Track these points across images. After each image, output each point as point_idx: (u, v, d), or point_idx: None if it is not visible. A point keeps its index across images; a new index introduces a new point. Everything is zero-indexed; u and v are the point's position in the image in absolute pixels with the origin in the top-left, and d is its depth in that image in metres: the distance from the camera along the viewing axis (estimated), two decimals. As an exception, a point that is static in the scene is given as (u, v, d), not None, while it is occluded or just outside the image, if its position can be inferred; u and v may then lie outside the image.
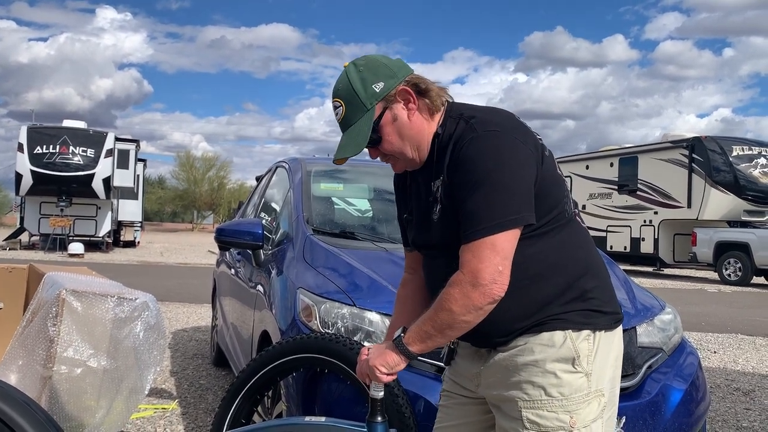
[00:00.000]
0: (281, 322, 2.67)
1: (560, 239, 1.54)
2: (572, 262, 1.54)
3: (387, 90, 1.55)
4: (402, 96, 1.56)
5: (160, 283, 11.12)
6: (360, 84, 1.56)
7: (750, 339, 7.61)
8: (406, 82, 1.57)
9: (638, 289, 2.95)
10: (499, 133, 1.47)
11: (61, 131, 19.27)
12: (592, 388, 1.50)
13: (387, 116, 1.56)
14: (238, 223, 3.65)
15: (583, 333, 1.51)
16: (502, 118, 1.54)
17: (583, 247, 1.60)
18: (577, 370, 1.49)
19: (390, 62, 1.60)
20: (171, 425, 3.73)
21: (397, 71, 1.57)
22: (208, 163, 61.08)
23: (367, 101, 1.55)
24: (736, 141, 16.02)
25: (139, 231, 25.55)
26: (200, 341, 6.31)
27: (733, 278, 15.22)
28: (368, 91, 1.55)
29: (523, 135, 1.50)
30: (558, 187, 1.56)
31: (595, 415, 1.51)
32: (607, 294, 1.60)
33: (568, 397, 1.48)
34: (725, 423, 4.15)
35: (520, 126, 1.54)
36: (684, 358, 2.66)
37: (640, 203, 16.90)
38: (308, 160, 4.03)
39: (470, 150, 1.47)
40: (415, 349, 1.53)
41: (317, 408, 2.26)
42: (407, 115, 1.57)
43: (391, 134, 1.58)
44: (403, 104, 1.57)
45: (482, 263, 1.41)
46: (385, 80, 1.56)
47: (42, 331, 2.25)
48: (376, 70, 1.57)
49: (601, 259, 1.67)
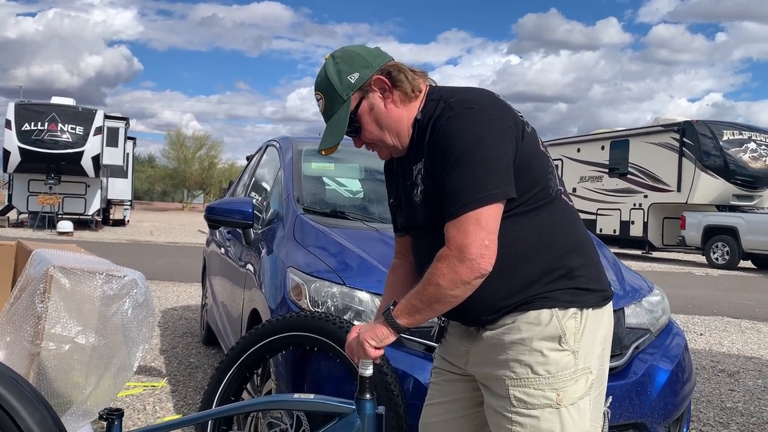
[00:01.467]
0: (271, 301, 2.67)
1: (544, 217, 1.54)
2: (558, 241, 1.54)
3: (362, 80, 1.59)
4: (377, 85, 1.59)
5: (150, 261, 11.10)
6: (336, 76, 1.60)
7: (736, 321, 7.70)
8: (381, 71, 1.59)
9: (627, 270, 2.97)
10: (475, 110, 1.48)
11: (49, 108, 19.06)
12: (579, 365, 1.51)
13: (364, 106, 1.60)
14: (229, 201, 3.63)
15: (570, 311, 1.52)
16: (480, 95, 1.55)
17: (569, 225, 1.59)
18: (564, 348, 1.50)
19: (366, 52, 1.63)
20: (160, 402, 3.74)
21: (372, 61, 1.60)
22: (198, 142, 60.78)
23: (343, 92, 1.59)
24: (727, 125, 16.07)
25: (129, 210, 25.42)
26: (190, 320, 6.31)
27: (721, 262, 15.36)
28: (344, 83, 1.59)
29: (501, 111, 1.51)
30: (540, 163, 1.55)
31: (583, 392, 1.52)
32: (594, 272, 1.60)
33: (554, 375, 1.49)
34: (710, 404, 4.21)
35: (498, 102, 1.54)
36: (671, 339, 2.69)
37: (630, 186, 16.97)
38: (299, 140, 4.01)
39: (448, 127, 1.49)
40: (403, 323, 1.54)
41: (306, 386, 2.27)
42: (384, 103, 1.60)
43: (370, 123, 1.61)
44: (380, 93, 1.60)
45: (468, 238, 1.42)
46: (360, 71, 1.59)
47: (30, 307, 2.23)
48: (352, 62, 1.60)
49: (589, 238, 1.67)
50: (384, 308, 1.61)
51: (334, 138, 1.62)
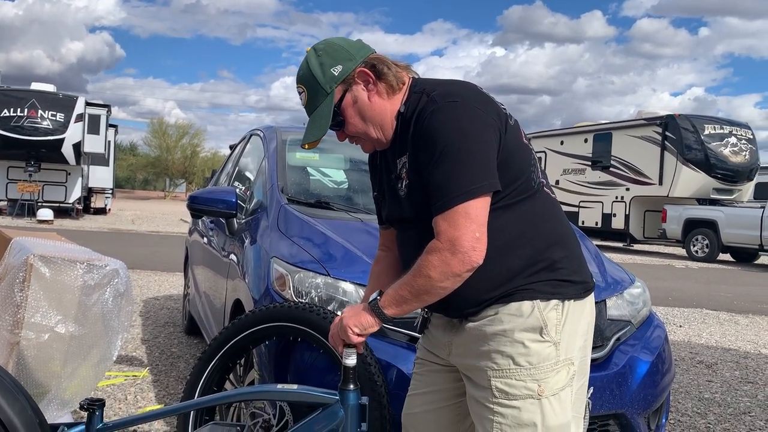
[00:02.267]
0: (254, 291, 2.65)
1: (527, 210, 1.54)
2: (540, 233, 1.55)
3: (345, 72, 1.58)
4: (361, 77, 1.58)
5: (132, 250, 11.00)
6: (319, 69, 1.58)
7: (714, 314, 7.80)
8: (364, 64, 1.58)
9: (609, 263, 2.99)
10: (458, 103, 1.48)
11: (29, 94, 18.75)
12: (561, 356, 1.52)
13: (348, 99, 1.59)
14: (212, 191, 3.60)
15: (552, 302, 1.53)
16: (463, 88, 1.54)
17: (552, 217, 1.60)
18: (545, 339, 1.51)
19: (349, 45, 1.61)
20: (142, 392, 3.71)
21: (356, 53, 1.59)
22: (181, 131, 60.21)
23: (326, 85, 1.58)
24: (708, 120, 16.23)
25: (110, 198, 25.18)
26: (172, 309, 6.27)
27: (700, 255, 15.55)
28: (327, 75, 1.58)
29: (483, 104, 1.51)
30: (523, 156, 1.55)
31: (564, 383, 1.53)
32: (575, 263, 1.60)
33: (536, 366, 1.50)
34: (688, 394, 4.27)
35: (481, 95, 1.54)
36: (651, 331, 2.71)
37: (612, 179, 17.09)
38: (283, 129, 3.98)
39: (432, 121, 1.48)
40: (389, 312, 1.54)
41: (290, 376, 2.27)
42: (367, 96, 1.59)
43: (353, 116, 1.60)
44: (363, 86, 1.59)
45: (459, 231, 1.42)
46: (343, 63, 1.58)
47: (9, 296, 2.20)
48: (334, 54, 1.59)
49: (571, 230, 1.67)
50: (370, 298, 1.60)
51: (318, 131, 1.61)
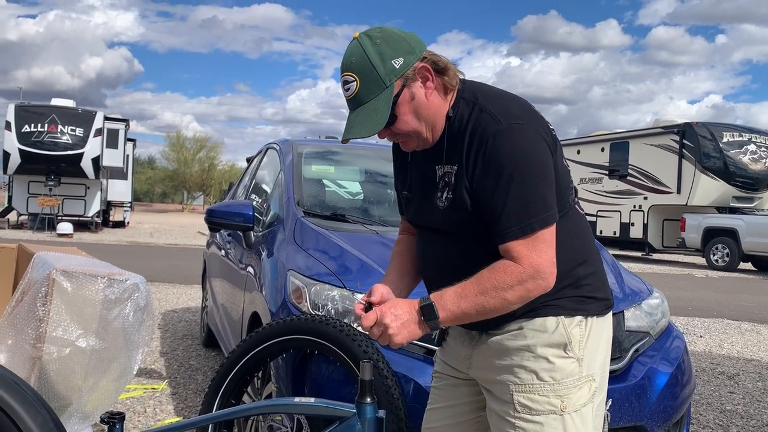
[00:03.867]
0: (271, 304, 2.67)
1: (561, 229, 1.51)
2: (568, 252, 1.54)
3: (407, 66, 1.46)
4: (421, 74, 1.48)
5: (150, 263, 11.10)
6: (378, 58, 1.45)
7: (735, 324, 7.70)
8: (424, 59, 1.48)
9: (627, 273, 2.98)
10: (523, 126, 1.44)
11: (49, 110, 19.07)
12: (583, 372, 1.52)
13: (405, 95, 1.48)
14: (229, 204, 3.63)
15: (576, 319, 1.53)
16: (522, 109, 1.50)
17: (580, 235, 1.60)
18: (569, 355, 1.51)
19: (407, 36, 1.50)
20: (161, 405, 3.74)
21: (415, 46, 1.48)
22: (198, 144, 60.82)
23: (386, 78, 1.45)
24: (727, 127, 16.08)
25: (129, 211, 25.43)
26: (190, 322, 6.31)
27: (721, 264, 15.36)
28: (387, 67, 1.45)
29: (541, 126, 1.48)
30: (565, 177, 1.55)
31: (586, 400, 1.52)
32: (599, 280, 1.61)
33: (559, 382, 1.49)
34: (710, 406, 4.21)
35: (537, 117, 1.51)
36: (670, 342, 2.69)
37: (630, 188, 16.98)
38: (299, 142, 4.02)
39: (498, 144, 1.42)
40: (443, 325, 1.50)
41: (307, 389, 2.28)
42: (425, 93, 1.49)
43: (407, 114, 1.49)
44: (421, 82, 1.48)
45: (541, 257, 1.41)
46: (404, 56, 1.46)
47: (31, 310, 2.24)
48: (396, 45, 1.46)
49: (596, 246, 1.68)
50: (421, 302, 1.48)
51: (372, 127, 1.47)
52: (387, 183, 3.93)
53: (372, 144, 4.71)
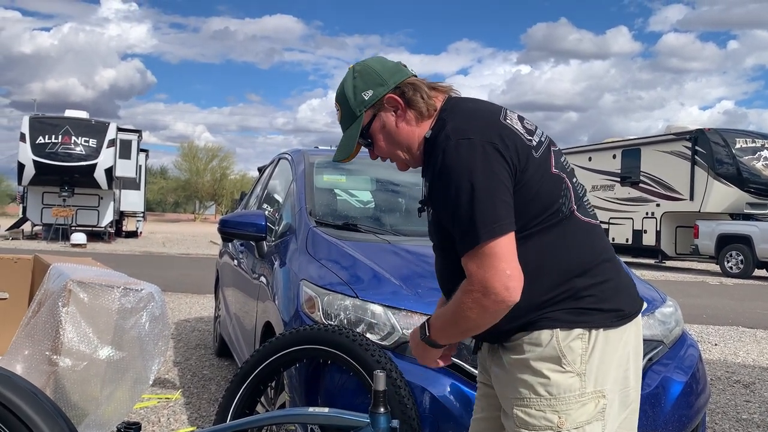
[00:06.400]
0: (284, 314, 2.68)
1: (551, 239, 1.50)
2: (563, 263, 1.50)
3: (375, 98, 1.59)
4: (390, 104, 1.59)
5: (163, 273, 11.16)
6: (351, 91, 1.61)
7: (751, 331, 7.63)
8: (396, 89, 1.59)
9: (639, 281, 2.96)
10: (471, 140, 1.46)
11: (63, 121, 19.28)
12: (587, 389, 1.47)
13: (376, 123, 1.61)
14: (242, 214, 3.66)
15: (575, 332, 1.48)
16: (480, 123, 1.51)
17: (580, 246, 1.54)
18: (566, 369, 1.46)
19: (384, 68, 1.62)
20: (174, 415, 3.76)
21: (389, 78, 1.60)
22: (210, 154, 61.16)
23: (356, 108, 1.61)
24: (740, 133, 15.98)
25: (141, 221, 25.59)
26: (203, 332, 6.34)
27: (735, 271, 15.23)
28: (357, 99, 1.60)
29: (501, 140, 1.47)
30: (551, 187, 1.51)
31: (590, 417, 1.47)
32: (608, 291, 1.53)
33: (556, 397, 1.46)
34: (725, 415, 4.17)
35: (498, 130, 1.50)
36: (684, 350, 2.67)
37: (642, 195, 16.89)
38: (311, 152, 4.04)
39: (446, 158, 1.46)
40: (445, 344, 1.61)
41: (320, 399, 2.28)
42: (395, 122, 1.60)
43: (381, 140, 1.62)
44: (392, 111, 1.60)
45: (488, 272, 1.40)
46: (374, 88, 1.59)
47: (48, 321, 2.26)
48: (368, 78, 1.61)
49: (607, 255, 1.59)
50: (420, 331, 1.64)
51: (345, 152, 1.65)
52: (398, 192, 3.94)
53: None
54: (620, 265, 1.64)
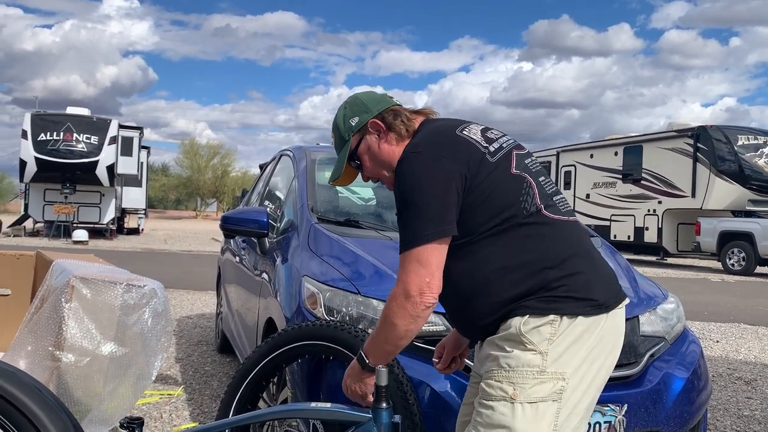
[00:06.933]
0: (286, 310, 2.69)
1: (517, 238, 1.59)
2: (531, 259, 1.58)
3: (361, 123, 1.79)
4: (373, 128, 1.78)
5: (165, 270, 11.17)
6: (342, 119, 1.83)
7: (752, 328, 7.63)
8: (378, 115, 1.77)
9: (641, 278, 2.97)
10: (419, 153, 1.61)
11: (65, 118, 19.28)
12: (548, 368, 1.52)
13: (362, 146, 1.80)
14: (243, 211, 3.66)
15: (548, 317, 1.54)
16: (433, 138, 1.66)
17: (548, 241, 1.60)
18: (528, 347, 1.53)
19: (369, 99, 1.83)
20: (177, 411, 3.77)
21: (373, 106, 1.79)
22: (212, 151, 61.17)
23: (345, 133, 1.82)
24: (742, 130, 15.95)
25: (143, 218, 25.61)
26: (205, 328, 6.35)
27: (737, 268, 15.22)
28: (346, 125, 1.82)
29: (450, 151, 1.60)
30: (510, 188, 1.61)
31: (545, 395, 1.52)
32: (580, 282, 1.59)
33: (514, 369, 1.53)
34: (726, 412, 4.18)
35: (449, 142, 1.63)
36: (686, 347, 2.68)
37: (644, 192, 16.87)
38: (313, 149, 4.04)
39: (398, 171, 1.64)
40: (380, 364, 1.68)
41: (322, 394, 2.29)
42: (378, 143, 1.78)
43: (367, 161, 1.81)
44: (376, 135, 1.78)
45: (409, 276, 1.55)
46: (360, 115, 1.80)
47: (51, 317, 2.27)
48: (355, 107, 1.82)
49: (582, 248, 1.66)
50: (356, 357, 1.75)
51: (335, 173, 1.86)
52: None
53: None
54: (595, 259, 1.69)
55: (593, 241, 3.25)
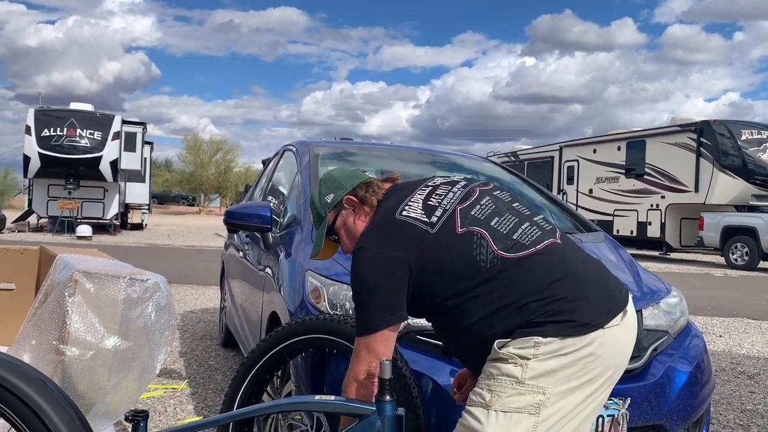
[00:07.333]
0: (290, 304, 2.70)
1: (488, 291, 1.60)
2: (509, 301, 1.59)
3: (336, 200, 1.87)
4: (348, 203, 1.86)
5: (168, 265, 11.19)
6: (317, 196, 1.91)
7: (756, 323, 7.62)
8: (351, 191, 1.85)
9: (644, 272, 2.96)
10: (363, 249, 1.68)
11: (68, 114, 19.30)
12: (526, 380, 1.53)
13: (339, 222, 1.88)
14: (247, 206, 3.67)
15: (531, 339, 1.55)
16: (376, 227, 1.72)
17: (521, 284, 1.59)
18: (510, 361, 1.56)
19: (343, 175, 1.90)
20: (181, 405, 3.78)
21: (346, 182, 1.87)
22: (215, 147, 61.15)
23: (321, 210, 1.89)
24: (745, 125, 15.89)
25: (147, 213, 25.64)
26: (209, 322, 6.36)
27: (740, 263, 15.19)
28: (322, 202, 1.89)
29: (390, 240, 1.65)
30: (461, 246, 1.63)
31: (522, 407, 1.52)
32: (562, 306, 1.57)
33: (495, 378, 1.56)
34: (729, 406, 4.18)
35: (388, 232, 1.68)
36: (689, 341, 2.68)
37: (647, 187, 16.84)
38: (316, 144, 4.04)
39: (352, 263, 1.70)
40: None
41: (326, 387, 2.30)
42: (353, 219, 1.85)
43: (344, 236, 1.88)
44: (351, 210, 1.85)
45: (359, 364, 1.68)
46: (334, 192, 1.87)
47: (55, 311, 2.28)
48: (329, 184, 1.90)
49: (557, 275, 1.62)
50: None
51: (315, 248, 1.92)
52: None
53: (388, 145, 4.72)
54: (578, 279, 1.63)
55: (596, 236, 3.26)
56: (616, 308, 1.64)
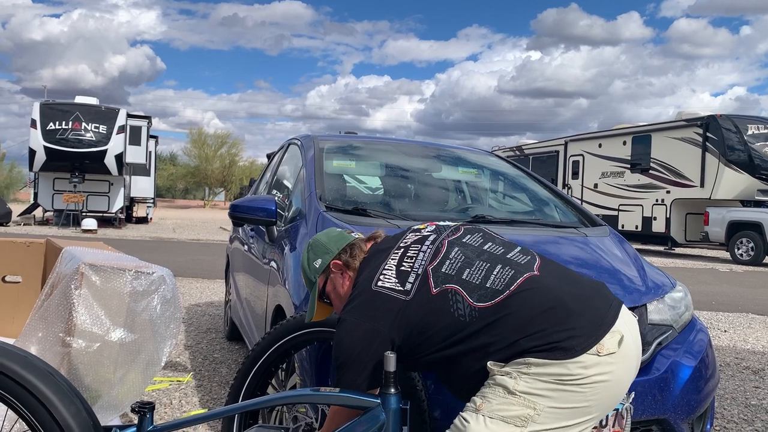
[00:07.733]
0: (295, 297, 2.70)
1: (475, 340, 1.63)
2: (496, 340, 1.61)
3: (324, 265, 1.92)
4: (336, 267, 1.91)
5: (173, 258, 11.22)
6: (306, 262, 1.96)
7: (761, 318, 7.61)
8: (337, 255, 1.90)
9: (649, 267, 2.96)
10: (344, 321, 1.72)
11: (73, 107, 19.33)
12: (518, 392, 1.56)
13: (329, 286, 1.92)
14: (252, 199, 3.67)
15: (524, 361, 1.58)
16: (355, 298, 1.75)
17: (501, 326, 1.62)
18: (504, 374, 1.59)
19: (330, 240, 1.95)
20: (186, 397, 3.80)
21: (333, 247, 1.92)
22: (219, 140, 61.09)
23: (311, 275, 1.94)
24: (752, 119, 15.82)
25: (152, 207, 25.70)
26: (213, 316, 6.39)
27: (745, 258, 15.15)
28: (311, 268, 1.94)
29: (366, 313, 1.70)
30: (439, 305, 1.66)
31: (509, 417, 1.55)
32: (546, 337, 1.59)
33: (489, 386, 1.60)
34: (734, 401, 4.18)
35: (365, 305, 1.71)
36: (694, 335, 2.67)
37: (652, 182, 16.79)
38: (321, 137, 4.04)
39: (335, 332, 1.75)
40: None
41: (330, 380, 2.31)
42: (342, 283, 1.90)
43: (335, 300, 1.92)
44: (339, 273, 1.90)
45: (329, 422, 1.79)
46: (321, 257, 1.93)
47: (61, 304, 2.29)
48: (317, 249, 1.95)
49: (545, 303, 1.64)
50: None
51: (310, 313, 1.96)
52: (408, 177, 3.94)
53: (393, 139, 4.73)
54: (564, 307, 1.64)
55: (601, 230, 3.26)
56: (605, 325, 1.63)
